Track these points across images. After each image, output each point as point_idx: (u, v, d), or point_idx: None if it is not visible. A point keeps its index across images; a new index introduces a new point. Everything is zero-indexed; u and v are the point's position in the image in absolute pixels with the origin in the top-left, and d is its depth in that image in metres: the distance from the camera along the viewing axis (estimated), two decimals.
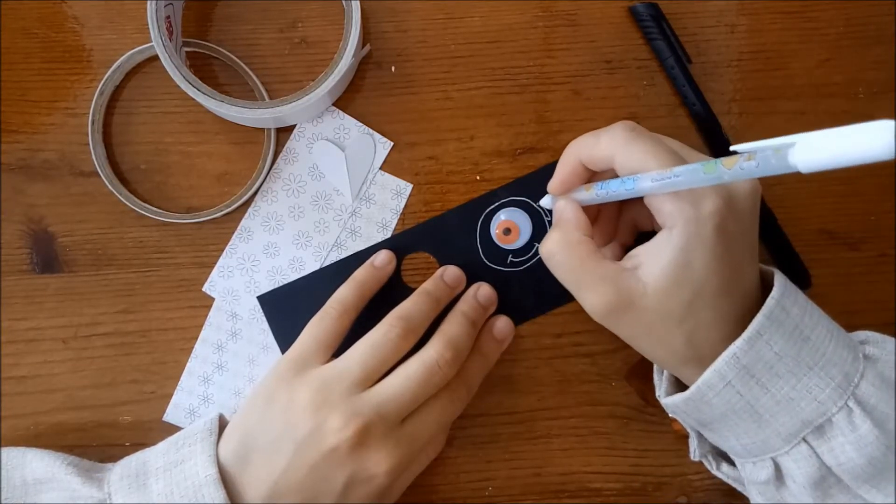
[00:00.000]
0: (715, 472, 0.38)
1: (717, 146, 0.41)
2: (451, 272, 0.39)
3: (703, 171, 0.28)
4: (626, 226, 0.38)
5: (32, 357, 0.41)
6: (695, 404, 0.33)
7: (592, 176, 0.35)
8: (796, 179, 0.42)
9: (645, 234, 0.37)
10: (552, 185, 0.36)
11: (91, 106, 0.40)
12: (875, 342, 0.33)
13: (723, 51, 0.42)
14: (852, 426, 0.30)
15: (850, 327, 0.41)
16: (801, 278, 0.41)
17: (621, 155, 0.32)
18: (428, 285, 0.39)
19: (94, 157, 0.40)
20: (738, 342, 0.31)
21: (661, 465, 0.41)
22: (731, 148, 0.28)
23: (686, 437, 0.39)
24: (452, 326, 0.37)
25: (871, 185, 0.42)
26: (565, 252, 0.33)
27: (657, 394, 0.37)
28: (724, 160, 0.27)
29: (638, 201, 0.36)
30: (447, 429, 0.39)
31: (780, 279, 0.33)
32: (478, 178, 0.41)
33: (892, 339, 0.34)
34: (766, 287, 0.33)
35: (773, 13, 0.42)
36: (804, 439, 0.31)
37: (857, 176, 0.42)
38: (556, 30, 0.42)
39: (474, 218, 0.41)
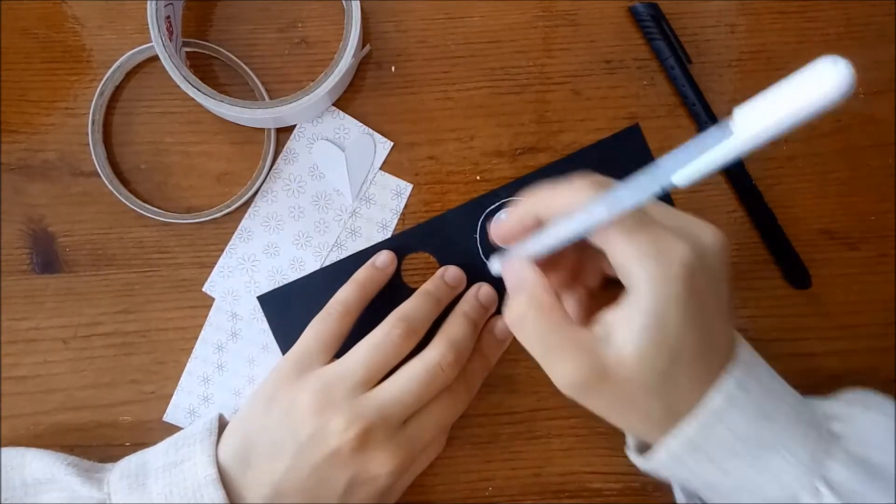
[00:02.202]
0: None
1: None
2: (452, 272, 0.39)
3: (644, 184, 0.26)
4: (589, 272, 0.35)
5: (32, 357, 0.41)
6: (655, 473, 0.32)
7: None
8: (796, 179, 0.42)
9: (612, 280, 0.34)
10: (498, 234, 0.33)
11: (91, 106, 0.40)
12: (843, 418, 0.32)
13: (723, 51, 0.42)
14: None
15: (850, 327, 0.41)
16: (801, 278, 0.41)
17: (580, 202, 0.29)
18: (429, 286, 0.39)
19: (94, 157, 0.40)
20: (694, 424, 0.29)
21: None
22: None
23: None
24: (454, 327, 0.37)
25: (871, 185, 0.42)
26: (537, 319, 0.30)
27: (626, 443, 0.35)
28: (664, 158, 0.25)
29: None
30: (448, 429, 0.39)
31: (742, 351, 0.31)
32: (478, 178, 0.41)
33: (861, 410, 0.32)
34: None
35: (773, 13, 0.42)
36: None
37: (857, 176, 0.42)
38: (556, 30, 0.42)
39: (474, 218, 0.41)
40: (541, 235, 0.31)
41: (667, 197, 0.41)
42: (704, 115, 0.41)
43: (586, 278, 0.35)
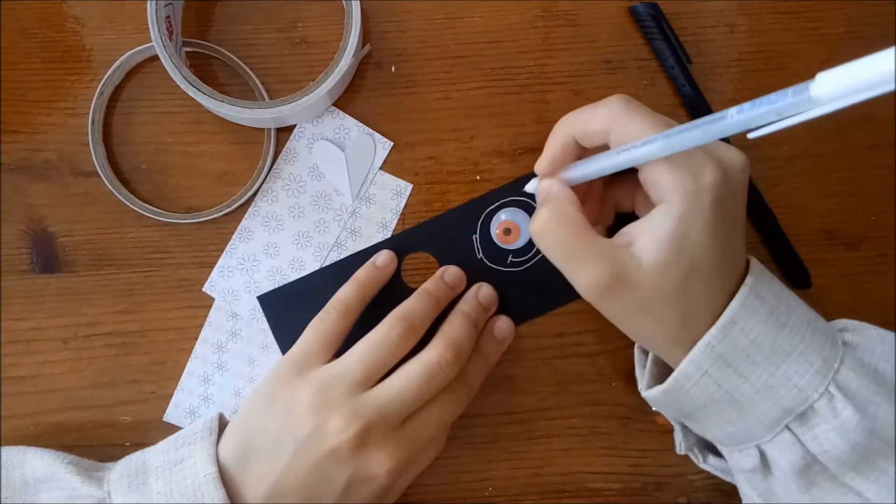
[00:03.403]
0: (702, 464, 0.38)
1: None
2: (452, 272, 0.39)
3: (707, 127, 0.27)
4: (607, 207, 0.37)
5: (32, 357, 0.41)
6: (674, 395, 0.33)
7: (582, 153, 0.34)
8: (796, 179, 0.42)
9: (624, 215, 0.37)
10: (541, 164, 0.34)
11: (91, 106, 0.40)
12: (853, 329, 0.33)
13: (723, 51, 0.42)
14: (834, 412, 0.30)
15: None
16: (801, 278, 0.41)
17: (619, 126, 0.31)
18: (428, 285, 0.39)
19: (94, 157, 0.40)
20: (712, 331, 0.31)
21: (661, 465, 0.41)
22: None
23: (670, 431, 0.39)
24: (454, 327, 0.37)
25: (871, 185, 0.42)
26: (559, 226, 0.32)
27: (639, 387, 0.37)
28: (734, 108, 0.26)
29: (621, 181, 0.36)
30: (448, 429, 0.39)
31: (755, 265, 0.32)
32: (478, 178, 0.41)
33: (871, 325, 0.34)
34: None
35: (773, 13, 0.42)
36: (787, 427, 0.31)
37: (857, 176, 0.42)
38: (556, 30, 0.42)
39: (474, 218, 0.41)
40: (585, 164, 0.33)
41: None
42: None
43: (604, 216, 0.37)
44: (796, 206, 0.42)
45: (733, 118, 0.26)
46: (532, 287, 0.41)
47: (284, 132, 0.41)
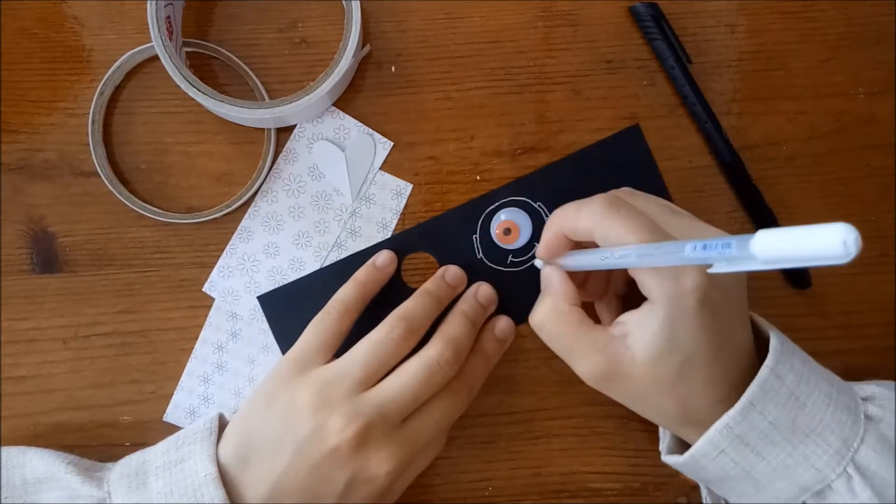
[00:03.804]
0: None
1: (718, 146, 0.41)
2: (452, 272, 0.39)
3: (670, 252, 0.28)
4: (617, 276, 0.38)
5: (32, 357, 0.41)
6: (691, 468, 0.34)
7: (578, 244, 0.35)
8: (796, 179, 0.42)
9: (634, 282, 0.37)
10: (539, 250, 0.36)
11: (91, 106, 0.40)
12: (880, 400, 0.33)
13: (723, 51, 0.42)
14: (852, 493, 0.30)
15: (850, 327, 0.41)
16: (800, 278, 0.41)
17: (600, 229, 0.32)
18: (429, 285, 0.39)
19: (94, 157, 0.40)
20: (732, 412, 0.31)
21: (661, 465, 0.41)
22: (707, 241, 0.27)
23: (695, 486, 0.39)
24: (452, 326, 0.37)
25: (871, 185, 0.42)
26: (555, 322, 0.34)
27: (659, 448, 0.37)
28: (690, 244, 0.27)
29: None
30: (448, 429, 0.39)
31: (775, 342, 0.32)
32: (478, 178, 0.41)
33: None
34: (763, 345, 0.33)
35: (773, 13, 0.42)
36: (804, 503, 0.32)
37: (857, 176, 0.42)
38: (556, 30, 0.42)
39: (474, 218, 0.41)
40: (576, 256, 0.35)
41: (668, 201, 0.41)
42: (704, 115, 0.41)
43: (615, 285, 0.38)
44: (796, 206, 0.42)
45: (689, 255, 0.27)
46: (532, 287, 0.41)
47: (284, 132, 0.41)
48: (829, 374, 0.33)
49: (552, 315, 0.34)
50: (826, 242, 0.21)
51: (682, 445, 0.35)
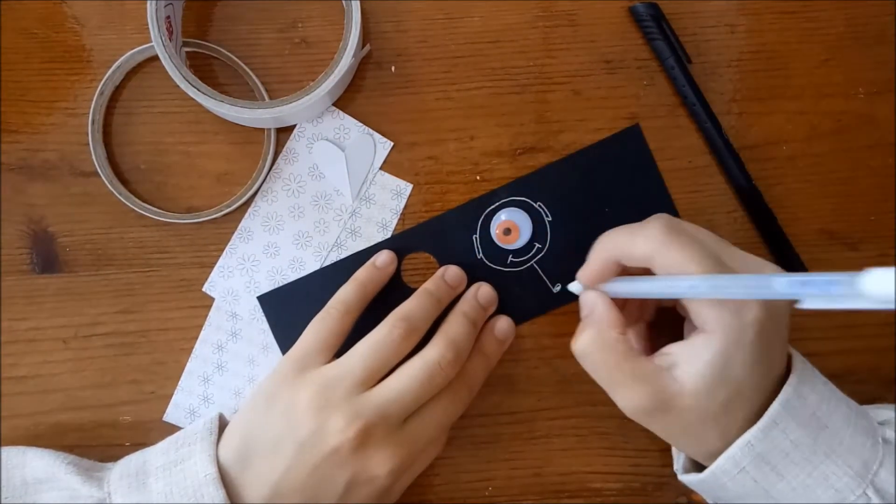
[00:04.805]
0: None
1: (718, 146, 0.41)
2: (452, 272, 0.39)
3: (755, 287, 0.28)
4: (650, 303, 0.37)
5: (32, 357, 0.41)
6: (709, 486, 0.33)
7: (625, 270, 0.34)
8: (796, 179, 0.42)
9: (664, 309, 0.37)
10: (584, 275, 0.35)
11: (91, 106, 0.40)
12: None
13: (723, 51, 0.42)
14: None
15: (850, 327, 0.41)
16: None
17: (660, 257, 0.31)
18: (429, 285, 0.39)
19: (94, 157, 0.40)
20: (754, 430, 0.31)
21: (661, 465, 0.41)
22: (793, 276, 0.27)
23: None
24: (453, 326, 0.37)
25: (871, 185, 0.42)
26: (602, 353, 0.33)
27: (675, 467, 0.37)
28: (783, 278, 0.27)
29: None
30: (448, 429, 0.39)
31: (798, 364, 0.32)
32: (478, 178, 0.41)
33: None
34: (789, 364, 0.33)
35: (773, 13, 0.42)
36: None
37: (857, 176, 0.42)
38: (556, 30, 0.42)
39: (474, 218, 0.41)
40: (628, 283, 0.33)
41: (668, 201, 0.41)
42: (704, 115, 0.41)
43: (647, 312, 0.37)
44: (796, 206, 0.42)
45: (780, 291, 0.27)
46: (532, 287, 0.41)
47: (284, 132, 0.41)
48: (847, 398, 0.33)
49: (598, 344, 0.33)
50: None
51: (698, 465, 0.35)
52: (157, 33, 0.37)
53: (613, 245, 0.34)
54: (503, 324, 0.39)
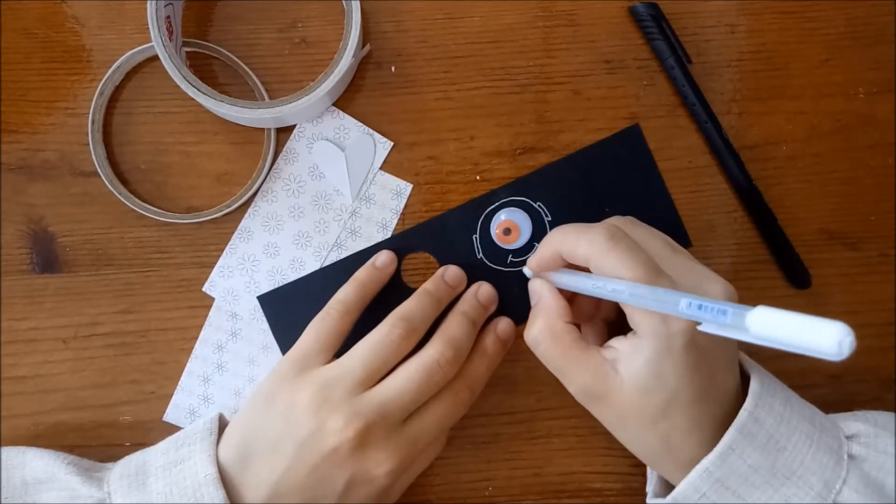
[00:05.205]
0: None
1: (718, 146, 0.41)
2: (452, 272, 0.39)
3: (663, 301, 0.29)
4: (609, 303, 0.38)
5: (32, 357, 0.41)
6: None
7: (570, 265, 0.36)
8: (796, 179, 0.42)
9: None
10: (531, 263, 0.37)
11: (91, 106, 0.40)
12: (865, 438, 0.33)
13: (723, 51, 0.42)
14: None
15: (850, 327, 0.41)
16: (801, 278, 0.41)
17: (597, 260, 0.32)
18: (429, 285, 0.39)
19: (94, 157, 0.40)
20: (711, 456, 0.31)
21: None
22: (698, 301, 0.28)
23: None
24: (453, 326, 0.37)
25: (871, 185, 0.42)
26: (551, 341, 0.34)
27: (647, 489, 0.37)
28: (686, 299, 0.28)
29: None
30: (448, 429, 0.39)
31: (755, 384, 0.33)
32: (478, 178, 0.41)
33: (886, 433, 0.33)
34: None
35: (773, 13, 0.42)
36: None
37: (857, 176, 0.42)
38: (556, 30, 0.42)
39: (474, 218, 0.41)
40: (569, 276, 0.35)
41: (668, 201, 0.41)
42: (704, 115, 0.41)
43: (606, 311, 0.38)
44: (796, 206, 0.42)
45: (682, 311, 0.28)
46: None
47: (284, 132, 0.41)
48: (813, 413, 0.33)
49: (546, 333, 0.34)
50: (822, 338, 0.21)
51: (668, 488, 0.35)
52: (157, 33, 0.37)
53: (561, 241, 0.35)
54: (504, 325, 0.39)
